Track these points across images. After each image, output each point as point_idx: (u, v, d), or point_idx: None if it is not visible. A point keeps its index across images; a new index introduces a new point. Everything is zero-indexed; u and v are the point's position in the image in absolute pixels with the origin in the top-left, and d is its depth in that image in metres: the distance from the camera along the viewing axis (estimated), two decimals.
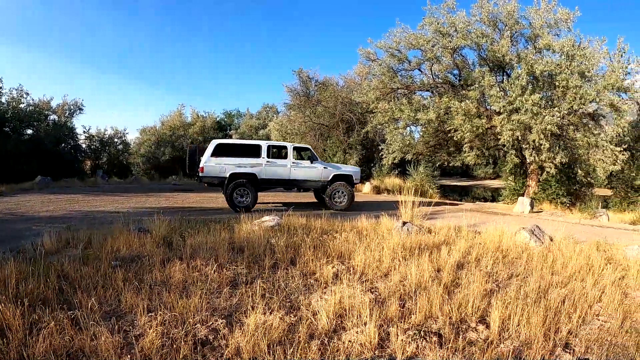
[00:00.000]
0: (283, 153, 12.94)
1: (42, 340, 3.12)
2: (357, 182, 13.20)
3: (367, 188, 21.73)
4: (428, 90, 20.17)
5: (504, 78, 17.74)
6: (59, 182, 20.47)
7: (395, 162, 20.53)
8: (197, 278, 4.77)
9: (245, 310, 3.91)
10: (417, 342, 3.47)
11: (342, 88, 28.07)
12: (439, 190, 22.76)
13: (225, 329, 3.56)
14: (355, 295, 4.26)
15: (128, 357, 3.10)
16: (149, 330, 3.36)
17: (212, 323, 3.66)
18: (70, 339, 3.24)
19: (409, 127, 20.23)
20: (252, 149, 12.09)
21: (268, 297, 4.30)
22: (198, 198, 15.45)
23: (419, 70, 20.02)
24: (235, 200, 11.47)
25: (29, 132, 26.76)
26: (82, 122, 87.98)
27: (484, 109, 17.52)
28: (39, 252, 5.24)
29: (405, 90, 20.00)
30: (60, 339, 3.22)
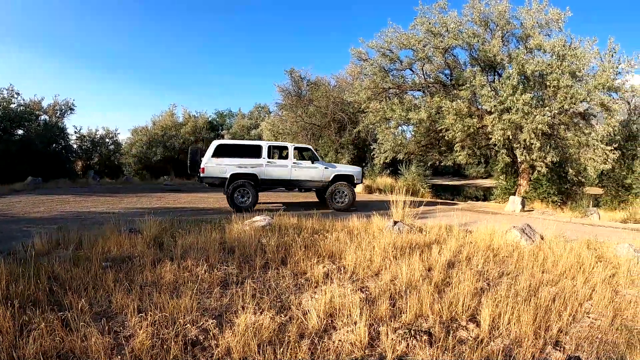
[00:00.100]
0: (284, 153, 12.93)
1: (32, 342, 3.11)
2: (358, 182, 13.16)
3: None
4: (419, 90, 20.22)
5: (495, 78, 17.84)
6: (50, 182, 20.27)
7: (387, 161, 20.55)
8: (187, 278, 4.73)
9: (236, 311, 3.90)
10: (407, 341, 3.46)
11: (334, 88, 28.05)
12: (431, 190, 22.81)
13: (216, 329, 3.54)
14: (346, 295, 4.24)
15: (118, 357, 3.09)
16: (139, 331, 3.33)
17: (202, 323, 3.64)
18: (61, 340, 3.23)
19: (401, 126, 20.28)
20: (253, 150, 12.10)
21: (259, 297, 4.28)
22: (190, 198, 15.36)
23: (411, 70, 20.09)
24: (236, 201, 11.47)
25: (20, 132, 26.42)
26: (73, 122, 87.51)
27: (475, 109, 17.59)
28: (30, 253, 5.17)
29: (397, 90, 20.03)
30: (51, 340, 3.20)
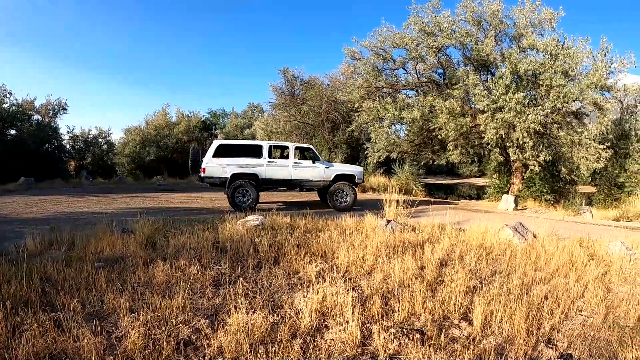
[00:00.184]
0: (285, 153, 12.95)
1: (24, 343, 3.10)
2: (360, 181, 13.09)
3: None
4: (413, 89, 20.25)
5: (488, 77, 17.90)
6: (43, 183, 20.13)
7: (381, 160, 20.60)
8: (180, 278, 4.72)
9: (228, 310, 3.89)
10: (399, 339, 3.45)
11: (327, 87, 28.02)
12: (425, 189, 22.86)
13: (208, 329, 3.54)
14: (338, 294, 4.23)
15: (111, 358, 3.09)
16: (132, 331, 3.33)
17: (195, 323, 3.64)
18: (53, 341, 3.21)
19: (394, 125, 20.31)
20: (253, 150, 12.12)
21: (251, 296, 4.29)
22: (183, 198, 15.30)
23: (404, 69, 20.10)
24: (237, 200, 11.47)
25: (12, 132, 26.14)
26: (66, 122, 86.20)
27: (468, 108, 17.64)
28: (22, 254, 5.13)
29: (390, 89, 20.06)
30: (43, 341, 3.19)
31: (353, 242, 6.39)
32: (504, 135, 15.75)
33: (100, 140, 32.97)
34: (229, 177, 11.57)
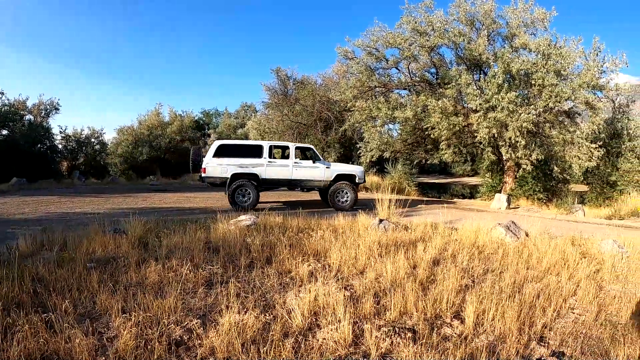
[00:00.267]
0: (285, 153, 12.91)
1: (16, 344, 3.09)
2: (361, 181, 13.01)
3: None
4: (405, 89, 20.32)
5: (481, 76, 17.97)
6: (35, 183, 19.95)
7: (374, 160, 20.63)
8: (172, 278, 4.69)
9: (220, 310, 3.88)
10: (391, 338, 3.45)
11: (320, 86, 28.08)
12: (417, 188, 22.92)
13: (200, 329, 3.53)
14: (331, 293, 4.21)
15: (102, 358, 3.08)
16: (124, 332, 3.32)
17: (187, 323, 3.62)
18: (45, 342, 3.21)
19: (387, 125, 20.39)
20: (253, 150, 12.10)
21: (243, 296, 4.28)
22: (176, 198, 15.22)
23: (397, 69, 20.18)
24: (237, 200, 11.44)
25: (4, 132, 25.89)
26: (58, 122, 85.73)
27: (461, 107, 17.69)
28: (14, 255, 5.11)
29: (383, 89, 20.11)
30: (35, 342, 3.18)
31: (345, 241, 6.36)
32: (497, 135, 15.83)
33: (93, 141, 32.71)
34: (229, 177, 11.56)
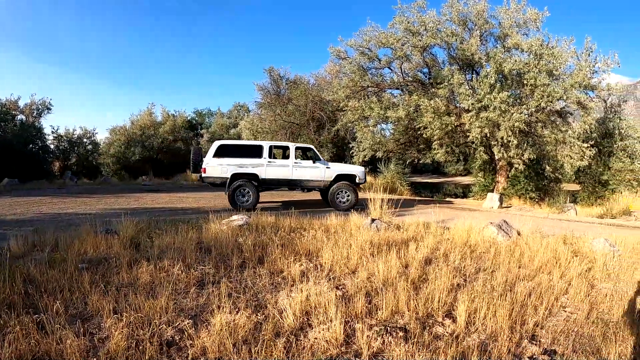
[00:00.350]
0: (285, 153, 12.88)
1: (7, 345, 3.09)
2: (361, 182, 12.95)
3: None
4: (398, 89, 20.35)
5: (473, 76, 18.04)
6: (27, 184, 19.81)
7: (366, 159, 20.62)
8: (164, 279, 4.66)
9: (212, 310, 3.86)
10: (383, 337, 3.44)
11: (312, 86, 28.08)
12: (410, 187, 22.98)
13: (192, 329, 3.51)
14: (322, 293, 4.20)
15: (94, 359, 3.08)
16: (115, 332, 3.31)
17: (178, 323, 3.60)
18: (36, 343, 3.20)
19: (379, 125, 20.44)
20: (253, 150, 12.09)
21: (235, 296, 4.26)
22: (168, 198, 15.13)
23: (389, 69, 20.21)
24: (237, 200, 11.41)
25: None
26: (50, 122, 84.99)
27: (453, 107, 17.75)
28: (5, 256, 5.03)
29: (376, 89, 20.14)
30: (26, 344, 3.17)
31: (337, 241, 6.35)
32: (489, 134, 15.88)
33: (85, 141, 32.53)
34: (229, 177, 11.54)
